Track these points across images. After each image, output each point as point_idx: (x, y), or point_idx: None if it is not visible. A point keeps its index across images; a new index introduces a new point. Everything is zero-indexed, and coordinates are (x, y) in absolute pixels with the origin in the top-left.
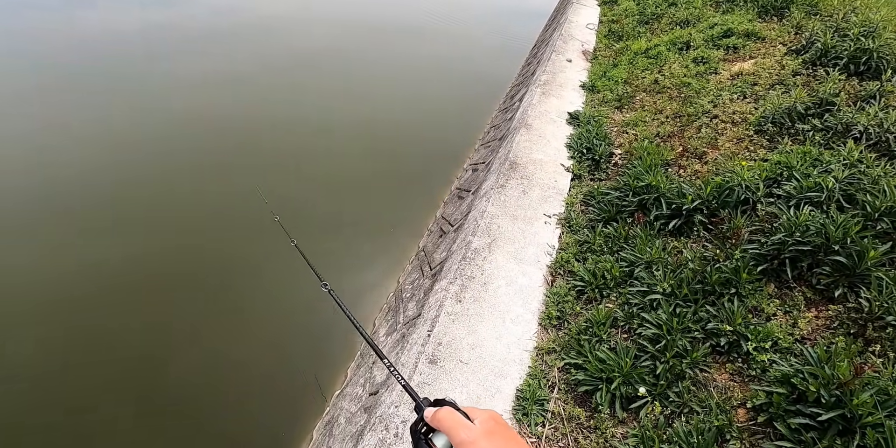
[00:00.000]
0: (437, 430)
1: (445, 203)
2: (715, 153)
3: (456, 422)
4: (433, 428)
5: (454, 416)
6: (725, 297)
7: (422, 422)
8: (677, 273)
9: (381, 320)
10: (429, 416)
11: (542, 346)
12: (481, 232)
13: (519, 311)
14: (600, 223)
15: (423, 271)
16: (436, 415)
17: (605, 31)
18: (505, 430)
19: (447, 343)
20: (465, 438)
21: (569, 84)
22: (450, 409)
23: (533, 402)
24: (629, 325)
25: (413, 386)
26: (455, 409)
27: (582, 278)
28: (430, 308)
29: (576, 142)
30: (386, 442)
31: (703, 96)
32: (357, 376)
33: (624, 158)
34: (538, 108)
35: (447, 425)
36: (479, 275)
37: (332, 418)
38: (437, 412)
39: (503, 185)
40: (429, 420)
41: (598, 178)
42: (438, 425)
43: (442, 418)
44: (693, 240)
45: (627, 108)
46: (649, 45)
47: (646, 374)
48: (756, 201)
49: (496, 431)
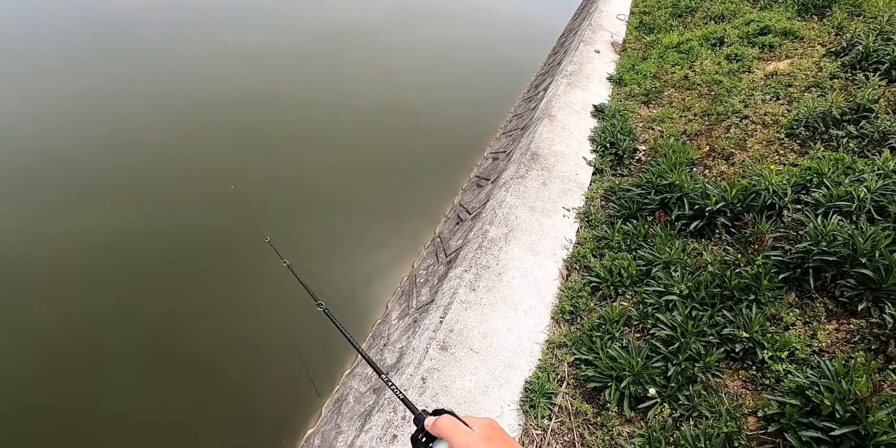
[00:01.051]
0: (437, 439)
1: (464, 190)
2: (743, 155)
3: (456, 429)
4: (433, 436)
5: (454, 423)
6: (744, 302)
7: (423, 431)
8: (695, 275)
9: (393, 303)
10: (429, 424)
11: (553, 340)
12: (499, 222)
13: (532, 303)
14: (620, 220)
15: (439, 258)
16: (436, 423)
17: (636, 22)
18: (502, 436)
19: (459, 331)
20: (465, 444)
21: (595, 76)
22: (450, 417)
23: (541, 394)
24: (643, 325)
25: (423, 371)
26: (455, 418)
27: (598, 274)
28: (443, 295)
29: (599, 135)
30: (393, 423)
31: (734, 95)
32: None
33: (648, 155)
34: (563, 99)
35: (448, 432)
36: (495, 264)
37: (341, 396)
38: (437, 420)
39: (523, 176)
40: (429, 428)
41: (621, 173)
42: (439, 433)
43: (442, 426)
44: (714, 242)
45: (655, 103)
46: (681, 40)
47: (656, 375)
48: (783, 207)
49: (494, 437)
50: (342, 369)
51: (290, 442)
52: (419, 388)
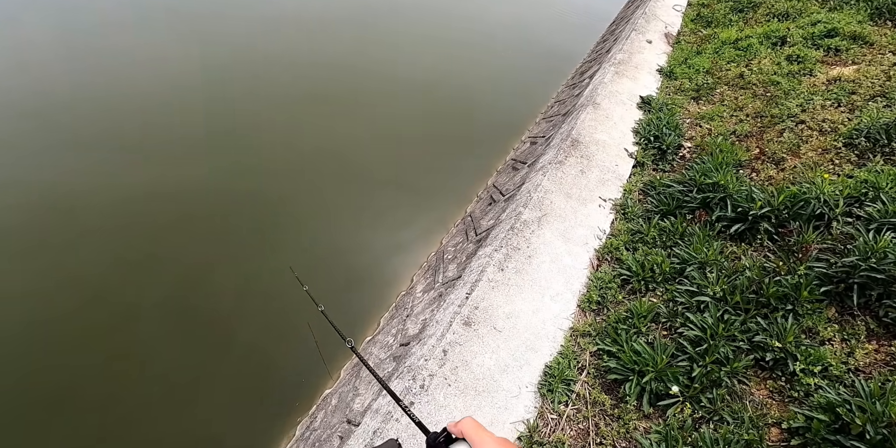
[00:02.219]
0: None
1: (499, 172)
2: (795, 161)
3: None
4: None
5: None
6: (780, 312)
7: (444, 431)
8: (731, 279)
9: (419, 277)
10: (452, 425)
11: (577, 328)
12: (533, 205)
13: (559, 289)
14: (657, 215)
15: (468, 236)
16: (460, 424)
17: (693, 14)
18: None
19: (484, 308)
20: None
21: (645, 66)
22: (473, 420)
23: (560, 380)
24: (671, 323)
25: (445, 343)
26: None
27: (629, 268)
28: (471, 272)
29: (644, 128)
30: (411, 391)
31: (791, 98)
32: (389, 326)
33: (693, 152)
34: (609, 88)
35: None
36: (525, 247)
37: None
38: (461, 421)
39: (561, 162)
40: (451, 428)
41: (662, 168)
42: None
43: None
44: (754, 248)
45: (705, 100)
46: (740, 36)
47: (680, 374)
48: (832, 218)
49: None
50: (364, 335)
51: (308, 398)
52: (439, 360)
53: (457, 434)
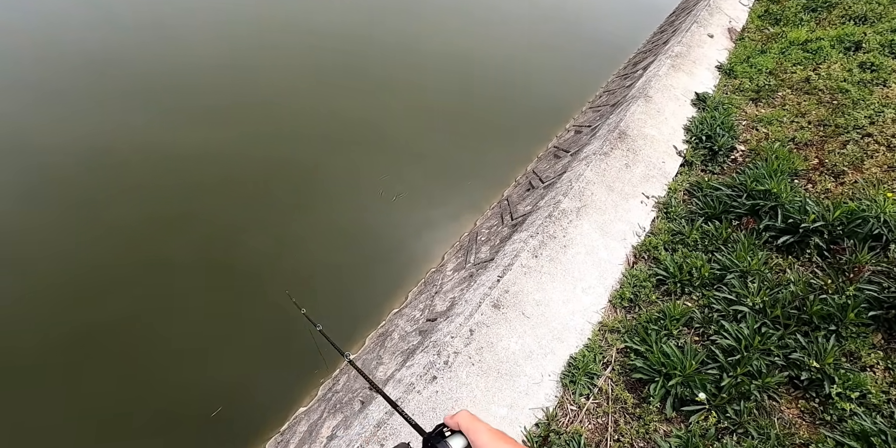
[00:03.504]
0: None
1: (539, 159)
2: (856, 175)
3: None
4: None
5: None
6: (822, 331)
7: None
8: (774, 291)
9: (450, 255)
10: (449, 418)
11: (606, 323)
12: (573, 195)
13: (592, 282)
14: (701, 218)
15: (504, 219)
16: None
17: (761, 10)
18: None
19: (514, 293)
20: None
21: (703, 61)
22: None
23: (583, 372)
24: (704, 330)
25: (473, 323)
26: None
27: (666, 268)
28: (504, 255)
29: (696, 126)
30: (435, 366)
31: (860, 108)
32: (417, 301)
33: (746, 156)
34: (663, 81)
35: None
36: (562, 236)
37: (386, 331)
38: (457, 414)
39: (606, 153)
40: (448, 421)
41: (711, 170)
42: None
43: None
44: (801, 262)
45: (765, 102)
46: (810, 37)
47: (708, 382)
48: (891, 240)
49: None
50: (391, 307)
51: (331, 364)
52: (465, 339)
53: (453, 426)
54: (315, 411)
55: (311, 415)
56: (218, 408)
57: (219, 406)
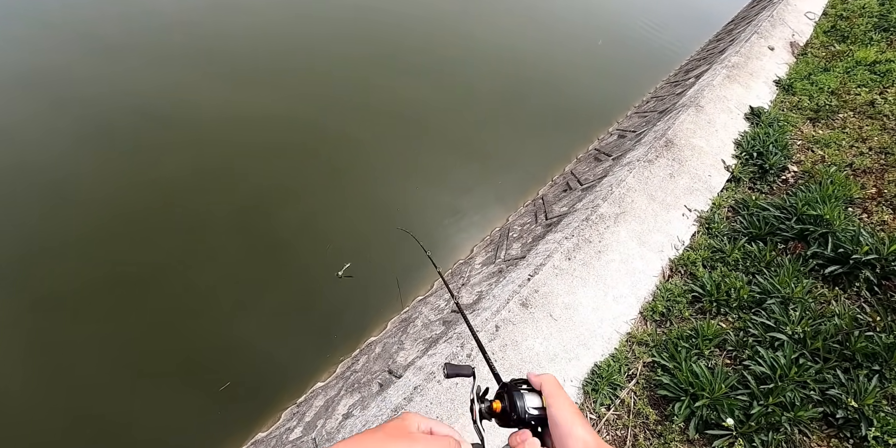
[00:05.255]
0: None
1: (578, 160)
2: None
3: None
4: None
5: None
6: (864, 370)
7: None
8: (816, 322)
9: (479, 249)
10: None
11: (635, 335)
12: (613, 200)
13: (624, 291)
14: (744, 237)
15: (538, 218)
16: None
17: (828, 26)
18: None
19: (544, 294)
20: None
21: (761, 74)
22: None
23: (607, 382)
24: (737, 354)
25: (499, 320)
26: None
27: (703, 286)
28: (537, 254)
29: (748, 141)
30: (458, 357)
31: None
32: (443, 291)
33: (798, 178)
34: (716, 92)
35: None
36: (598, 241)
37: (408, 317)
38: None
39: (651, 161)
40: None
41: (760, 189)
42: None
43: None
44: (849, 295)
45: (824, 123)
46: (879, 58)
47: (737, 408)
48: None
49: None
50: (416, 294)
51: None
52: (490, 334)
53: (535, 385)
54: (332, 388)
55: (329, 391)
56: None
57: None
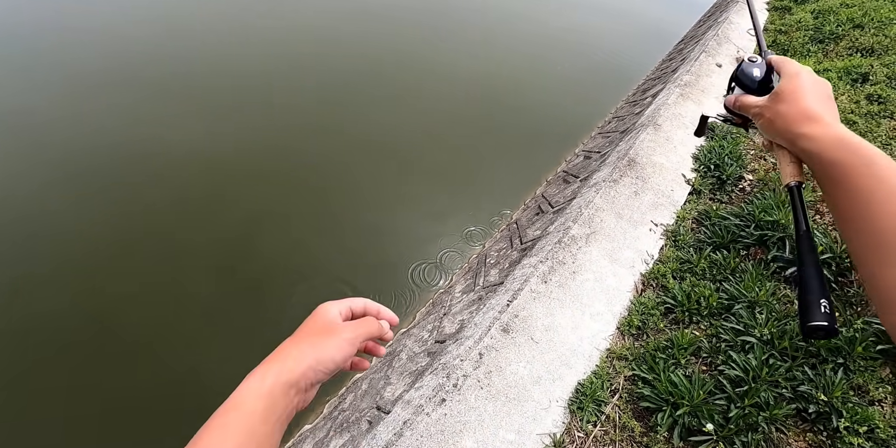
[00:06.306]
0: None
1: (548, 183)
2: None
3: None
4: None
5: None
6: (830, 364)
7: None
8: (782, 323)
9: (459, 277)
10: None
11: (614, 350)
12: (583, 221)
13: (601, 308)
14: (709, 247)
15: (513, 243)
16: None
17: (769, 41)
18: None
19: (523, 318)
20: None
21: (712, 91)
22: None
23: (591, 399)
24: (712, 360)
25: (482, 347)
26: None
27: (675, 297)
28: (514, 280)
29: (705, 155)
30: (444, 388)
31: (867, 141)
32: (426, 322)
33: (754, 186)
34: (672, 110)
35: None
36: (571, 262)
37: (393, 351)
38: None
39: (616, 180)
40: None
41: (720, 199)
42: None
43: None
44: None
45: None
46: (818, 68)
47: (716, 413)
48: None
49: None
50: (399, 326)
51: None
52: (475, 362)
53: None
54: (321, 429)
55: (317, 432)
56: None
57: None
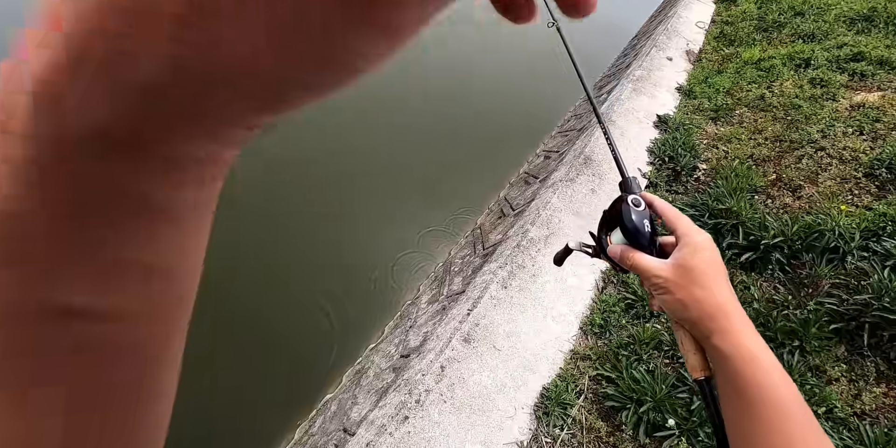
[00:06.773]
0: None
1: (511, 185)
2: (812, 189)
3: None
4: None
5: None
6: (786, 347)
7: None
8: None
9: (425, 287)
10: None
11: (578, 351)
12: (541, 223)
13: (563, 310)
14: None
15: (476, 249)
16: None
17: (717, 32)
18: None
19: (485, 326)
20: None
21: (664, 84)
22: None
23: (557, 403)
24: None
25: (444, 359)
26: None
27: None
28: (475, 287)
29: (659, 148)
30: (407, 405)
31: (812, 123)
32: (393, 335)
33: (708, 175)
34: (626, 105)
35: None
36: (531, 265)
37: (362, 368)
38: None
39: (573, 179)
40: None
41: (675, 190)
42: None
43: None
44: (765, 278)
45: (724, 121)
46: (763, 56)
47: (679, 406)
48: (847, 252)
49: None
50: (368, 342)
51: (308, 404)
52: (437, 376)
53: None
54: None
55: None
56: None
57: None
